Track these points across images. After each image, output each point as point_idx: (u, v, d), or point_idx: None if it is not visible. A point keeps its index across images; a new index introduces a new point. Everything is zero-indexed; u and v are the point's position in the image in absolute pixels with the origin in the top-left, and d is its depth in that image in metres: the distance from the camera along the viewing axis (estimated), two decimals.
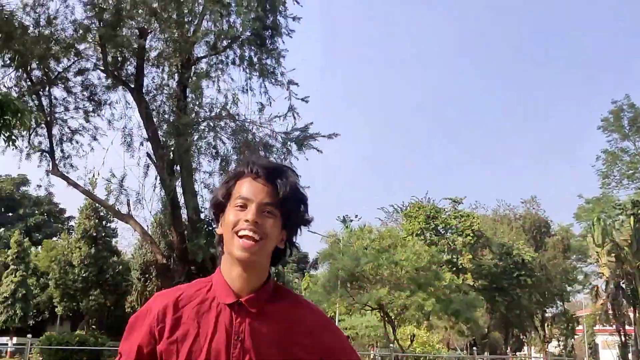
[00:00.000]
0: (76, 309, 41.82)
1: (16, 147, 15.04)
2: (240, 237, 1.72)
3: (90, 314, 39.87)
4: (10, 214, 68.99)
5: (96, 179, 16.59)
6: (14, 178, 71.17)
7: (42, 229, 66.30)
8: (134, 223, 15.50)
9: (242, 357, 1.70)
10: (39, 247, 56.45)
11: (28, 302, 42.99)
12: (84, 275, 39.47)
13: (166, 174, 14.17)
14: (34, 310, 46.14)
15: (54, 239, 61.09)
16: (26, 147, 18.21)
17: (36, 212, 69.21)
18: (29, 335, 16.53)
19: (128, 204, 15.61)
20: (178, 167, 14.67)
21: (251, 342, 1.71)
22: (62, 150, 18.67)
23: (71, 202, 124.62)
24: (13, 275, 42.52)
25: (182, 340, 1.71)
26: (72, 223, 68.69)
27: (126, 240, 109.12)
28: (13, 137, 12.29)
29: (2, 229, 66.08)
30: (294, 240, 1.86)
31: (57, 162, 17.62)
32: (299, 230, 1.86)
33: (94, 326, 38.06)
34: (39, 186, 18.63)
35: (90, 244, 40.25)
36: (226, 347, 1.70)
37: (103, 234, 41.05)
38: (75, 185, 17.25)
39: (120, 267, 41.64)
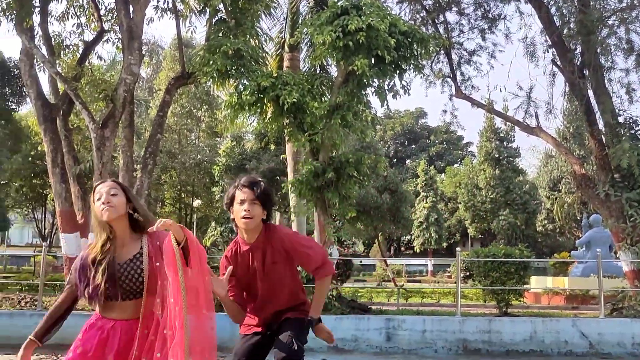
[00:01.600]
0: (487, 229, 43.20)
1: (423, 75, 15.77)
2: (242, 217, 3.53)
3: (501, 234, 40.80)
4: (413, 146, 74.19)
5: (505, 100, 16.45)
6: (413, 112, 76.20)
7: (444, 157, 69.84)
8: (545, 135, 15.03)
9: (257, 272, 3.65)
10: (443, 174, 59.70)
11: (440, 225, 45.84)
12: (492, 196, 40.37)
13: (576, 78, 13.28)
14: (446, 233, 49.08)
15: (455, 165, 63.92)
16: (429, 75, 19.06)
17: (436, 141, 73.15)
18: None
19: (536, 117, 15.19)
20: (587, 70, 13.64)
21: (259, 263, 3.64)
22: (461, 73, 19.03)
23: (468, 129, 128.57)
24: (424, 202, 45.69)
25: (237, 271, 3.65)
26: (470, 149, 70.96)
27: (526, 161, 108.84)
28: (420, 66, 12.82)
29: (408, 160, 71.61)
30: (269, 213, 3.64)
31: (459, 85, 18.05)
32: (269, 208, 3.63)
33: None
34: (444, 111, 19.37)
35: (494, 166, 40.88)
36: (249, 267, 3.66)
37: (505, 155, 41.25)
38: (480, 105, 17.46)
39: (527, 186, 41.47)
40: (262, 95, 11.43)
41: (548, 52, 15.10)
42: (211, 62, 11.48)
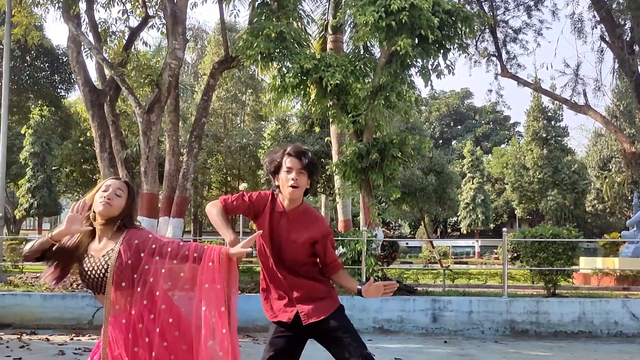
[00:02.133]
0: (534, 209, 42.54)
1: (467, 54, 15.55)
2: (290, 186, 3.50)
3: (549, 214, 40.13)
4: (459, 127, 73.38)
5: (552, 79, 16.12)
6: (458, 92, 75.25)
7: (490, 138, 68.89)
8: (593, 113, 14.70)
9: (282, 241, 3.59)
10: (489, 155, 58.91)
11: (487, 206, 45.32)
12: (539, 176, 39.68)
13: (625, 55, 12.92)
14: (493, 214, 48.51)
15: (502, 145, 62.98)
16: (474, 54, 18.79)
17: (482, 122, 72.17)
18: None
19: (585, 95, 14.87)
20: (638, 46, 13.25)
21: (286, 232, 3.58)
22: (507, 52, 18.71)
23: (515, 109, 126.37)
24: (471, 183, 45.23)
25: (262, 222, 3.62)
26: (517, 129, 69.84)
27: (575, 141, 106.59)
28: (464, 45, 12.64)
29: (454, 141, 70.87)
30: (313, 184, 3.63)
31: (504, 64, 17.75)
32: (315, 179, 3.62)
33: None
34: (490, 90, 19.12)
35: (542, 145, 40.12)
36: (275, 231, 3.60)
37: (553, 134, 40.42)
38: (526, 84, 17.17)
39: (575, 165, 40.60)
40: (305, 78, 11.44)
41: (596, 28, 14.77)
42: (254, 46, 11.53)
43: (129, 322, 3.04)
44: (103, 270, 3.05)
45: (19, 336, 9.20)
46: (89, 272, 3.08)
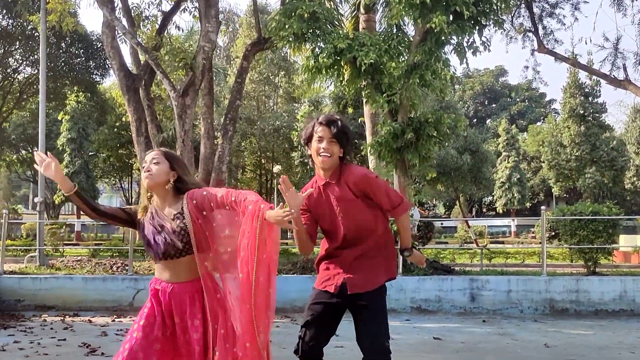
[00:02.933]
0: (572, 187, 41.87)
1: (503, 30, 15.31)
2: (320, 155, 3.55)
3: (587, 192, 39.46)
4: (493, 105, 72.39)
5: (590, 54, 15.78)
6: (493, 70, 74.16)
7: (525, 115, 67.86)
8: (634, 88, 14.35)
9: (334, 209, 3.61)
10: (525, 133, 58.05)
11: (523, 185, 44.73)
12: (577, 154, 38.94)
13: None
14: (529, 193, 47.88)
15: (538, 123, 61.99)
16: (509, 30, 18.46)
17: (517, 100, 71.08)
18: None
19: (624, 69, 14.53)
20: None
21: (335, 200, 3.60)
22: (544, 27, 18.34)
23: (551, 86, 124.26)
24: (506, 162, 44.62)
25: (315, 204, 3.67)
26: (553, 106, 68.60)
27: (613, 117, 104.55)
28: (500, 20, 12.42)
29: (489, 120, 69.98)
30: (347, 152, 3.63)
31: (541, 39, 17.41)
32: (346, 147, 3.60)
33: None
34: (526, 67, 18.73)
35: (579, 122, 39.31)
36: (326, 205, 3.64)
37: (591, 110, 39.56)
38: (564, 59, 16.85)
39: (614, 142, 39.74)
40: (338, 58, 11.37)
41: (637, 0, 14.35)
42: (287, 26, 11.48)
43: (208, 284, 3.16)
44: (174, 236, 3.12)
45: (62, 318, 9.40)
46: (157, 240, 3.15)
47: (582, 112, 39.31)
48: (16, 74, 27.42)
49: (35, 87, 26.63)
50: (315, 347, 3.64)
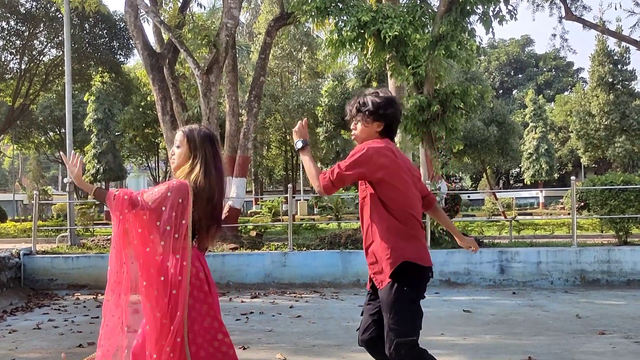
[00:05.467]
0: (601, 157, 41.27)
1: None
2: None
3: (617, 162, 38.87)
4: (519, 76, 71.45)
5: (618, 20, 15.44)
6: (518, 40, 73.05)
7: (552, 85, 66.88)
8: None
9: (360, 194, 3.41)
10: (552, 103, 57.21)
11: (551, 156, 44.18)
12: (606, 123, 38.27)
13: None
14: (557, 164, 47.30)
15: (565, 93, 61.03)
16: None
17: (544, 69, 70.01)
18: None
19: None
20: None
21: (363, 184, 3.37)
22: None
23: (579, 54, 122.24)
24: (533, 132, 44.07)
25: None
26: (581, 75, 67.48)
27: None
28: None
29: (515, 90, 69.11)
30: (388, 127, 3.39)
31: (568, 6, 17.05)
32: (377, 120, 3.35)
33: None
34: (554, 35, 18.43)
35: (608, 91, 38.59)
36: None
37: (620, 78, 38.78)
38: (592, 26, 16.49)
39: None
40: (362, 31, 11.26)
41: None
42: (310, 0, 11.37)
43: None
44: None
45: (94, 296, 9.55)
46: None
47: (611, 80, 38.60)
48: (41, 56, 27.62)
49: (60, 68, 26.82)
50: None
